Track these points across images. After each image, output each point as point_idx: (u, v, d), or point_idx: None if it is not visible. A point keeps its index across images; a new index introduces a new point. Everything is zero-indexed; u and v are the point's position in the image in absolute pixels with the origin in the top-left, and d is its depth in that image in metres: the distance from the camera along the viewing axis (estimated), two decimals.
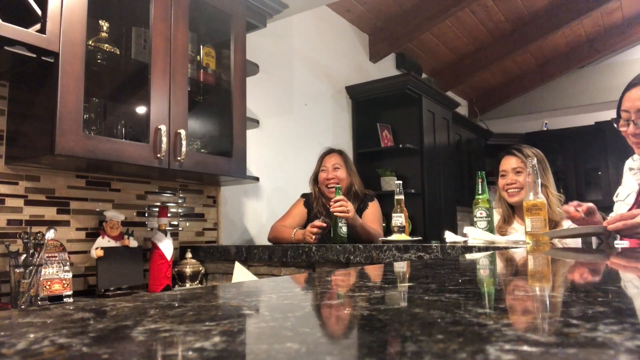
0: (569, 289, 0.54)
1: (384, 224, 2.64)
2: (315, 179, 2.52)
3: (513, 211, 2.24)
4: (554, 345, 0.25)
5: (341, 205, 2.07)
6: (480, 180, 1.94)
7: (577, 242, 1.59)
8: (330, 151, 2.55)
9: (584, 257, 1.02)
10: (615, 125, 1.63)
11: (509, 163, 2.20)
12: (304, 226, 2.49)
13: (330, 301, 0.49)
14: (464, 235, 1.87)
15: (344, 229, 2.09)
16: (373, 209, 2.40)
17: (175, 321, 0.33)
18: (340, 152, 2.53)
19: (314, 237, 2.15)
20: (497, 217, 2.19)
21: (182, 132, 1.91)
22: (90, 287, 1.94)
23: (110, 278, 1.87)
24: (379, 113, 3.91)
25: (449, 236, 1.81)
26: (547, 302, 0.43)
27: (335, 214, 2.07)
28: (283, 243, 2.28)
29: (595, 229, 1.46)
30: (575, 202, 1.61)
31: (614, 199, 1.78)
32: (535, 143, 2.67)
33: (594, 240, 1.58)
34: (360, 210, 2.39)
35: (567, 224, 1.89)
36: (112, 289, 1.87)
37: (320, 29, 3.62)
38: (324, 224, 2.15)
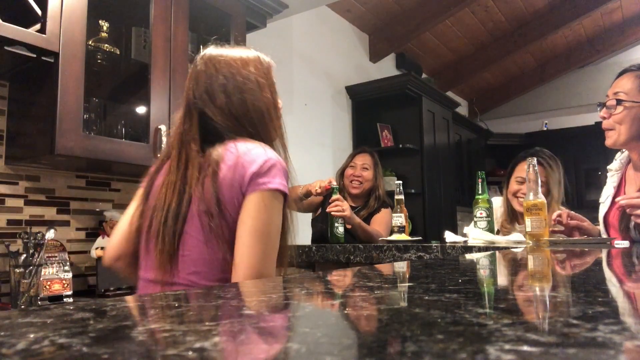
0: (569, 289, 0.54)
1: None
2: (342, 173, 2.54)
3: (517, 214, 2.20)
4: (554, 345, 0.25)
5: (337, 205, 2.07)
6: (480, 180, 1.93)
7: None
8: (363, 150, 2.58)
9: (584, 257, 1.02)
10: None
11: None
12: (317, 217, 2.50)
13: (330, 301, 0.49)
14: (464, 235, 1.86)
15: (341, 229, 2.09)
16: (383, 214, 2.39)
17: (175, 321, 0.33)
18: (373, 155, 2.55)
19: (318, 190, 2.17)
20: (498, 214, 2.13)
21: None
22: (90, 287, 1.94)
23: (110, 278, 1.86)
24: (379, 113, 3.91)
25: (449, 236, 1.81)
26: (547, 302, 0.43)
27: (332, 213, 2.07)
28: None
29: (599, 241, 1.47)
30: (565, 212, 1.61)
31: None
32: (535, 143, 2.67)
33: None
34: (372, 214, 2.40)
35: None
36: (112, 289, 1.87)
37: (320, 29, 3.62)
38: (330, 186, 2.15)
